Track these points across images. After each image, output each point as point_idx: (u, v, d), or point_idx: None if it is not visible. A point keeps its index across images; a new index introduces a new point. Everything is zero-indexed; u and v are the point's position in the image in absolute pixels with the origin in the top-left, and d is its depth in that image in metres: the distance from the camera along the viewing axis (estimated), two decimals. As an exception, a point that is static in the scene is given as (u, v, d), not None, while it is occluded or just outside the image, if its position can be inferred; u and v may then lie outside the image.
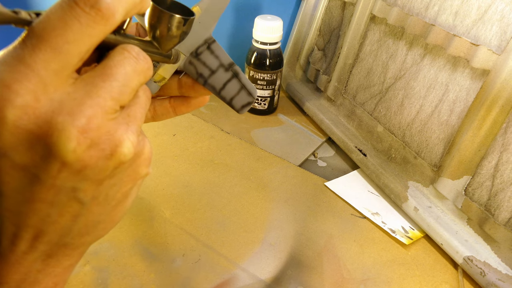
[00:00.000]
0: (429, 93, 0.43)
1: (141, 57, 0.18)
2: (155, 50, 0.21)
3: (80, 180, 0.17)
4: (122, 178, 0.19)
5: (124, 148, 0.18)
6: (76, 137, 0.16)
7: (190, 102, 0.27)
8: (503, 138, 0.36)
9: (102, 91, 0.17)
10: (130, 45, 0.18)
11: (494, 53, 0.36)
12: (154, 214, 0.41)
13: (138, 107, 0.19)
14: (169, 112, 0.27)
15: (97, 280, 0.35)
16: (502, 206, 0.36)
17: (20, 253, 0.18)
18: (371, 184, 0.48)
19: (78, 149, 0.16)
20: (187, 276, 0.36)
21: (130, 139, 0.18)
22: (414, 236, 0.41)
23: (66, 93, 0.16)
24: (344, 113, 0.55)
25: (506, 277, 0.35)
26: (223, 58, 0.25)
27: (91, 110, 0.16)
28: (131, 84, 0.18)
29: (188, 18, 0.20)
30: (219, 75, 0.25)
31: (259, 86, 0.57)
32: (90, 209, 0.19)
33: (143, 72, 0.18)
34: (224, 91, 0.26)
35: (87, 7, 0.16)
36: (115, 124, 0.17)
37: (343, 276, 0.37)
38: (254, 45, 0.55)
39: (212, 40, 0.25)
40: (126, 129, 0.18)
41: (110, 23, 0.16)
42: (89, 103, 0.16)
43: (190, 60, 0.25)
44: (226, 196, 0.45)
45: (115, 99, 0.17)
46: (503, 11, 0.36)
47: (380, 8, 0.48)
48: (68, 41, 0.16)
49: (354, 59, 0.53)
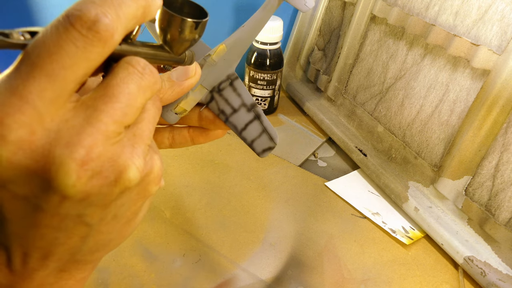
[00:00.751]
0: (429, 93, 0.43)
1: (147, 71, 0.17)
2: (166, 55, 0.20)
3: (85, 207, 0.17)
4: (131, 198, 0.18)
5: (129, 174, 0.17)
6: (76, 171, 0.15)
7: (209, 134, 0.27)
8: (504, 138, 0.36)
9: (103, 115, 0.16)
10: (135, 58, 0.17)
11: (494, 53, 0.36)
12: (154, 214, 0.41)
13: (145, 122, 0.18)
14: (187, 141, 0.27)
15: (98, 280, 0.35)
16: (503, 206, 0.36)
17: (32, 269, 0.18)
18: (371, 184, 0.48)
19: (78, 182, 0.15)
20: (187, 276, 0.36)
21: (135, 164, 0.17)
22: (415, 236, 0.41)
23: (65, 121, 0.15)
24: (344, 113, 0.55)
25: (507, 277, 0.35)
26: (246, 97, 0.25)
27: (91, 139, 0.15)
28: (136, 103, 0.17)
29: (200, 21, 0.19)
30: (241, 115, 0.25)
31: (259, 86, 0.57)
32: (98, 229, 0.18)
33: (149, 87, 0.17)
34: (245, 132, 0.25)
35: (84, 29, 0.15)
36: (119, 148, 0.16)
37: (344, 276, 0.37)
38: (254, 45, 0.55)
39: (235, 76, 0.25)
40: (131, 152, 0.17)
41: (109, 45, 0.15)
42: (88, 131, 0.15)
43: (213, 95, 0.25)
44: (226, 196, 0.45)
45: (118, 122, 0.16)
46: (504, 11, 0.36)
47: (380, 8, 0.48)
48: (64, 67, 0.15)
49: (354, 59, 0.53)
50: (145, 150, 0.18)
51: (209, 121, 0.26)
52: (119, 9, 0.15)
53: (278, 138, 0.26)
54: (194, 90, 0.24)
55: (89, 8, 0.15)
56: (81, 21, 0.15)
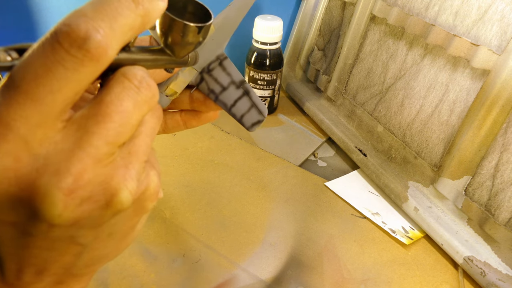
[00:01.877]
0: (429, 93, 0.43)
1: (143, 85, 0.16)
2: (168, 58, 0.19)
3: (76, 230, 0.16)
4: (125, 216, 0.18)
5: (122, 197, 0.16)
6: (62, 201, 0.14)
7: (201, 117, 0.27)
8: (503, 138, 0.36)
9: (95, 138, 0.15)
10: (132, 70, 0.16)
11: (494, 53, 0.36)
12: (154, 214, 0.41)
13: (142, 137, 0.17)
14: (180, 125, 0.27)
15: (97, 280, 0.35)
16: (503, 206, 0.36)
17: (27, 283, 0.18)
18: (371, 184, 0.48)
19: (65, 212, 0.14)
20: (187, 276, 0.36)
21: (128, 187, 0.16)
22: (414, 236, 0.41)
23: (53, 144, 0.14)
24: (344, 113, 0.55)
25: (507, 277, 0.35)
26: (235, 75, 0.25)
27: (80, 165, 0.14)
28: (131, 121, 0.16)
29: (204, 25, 0.18)
30: (230, 92, 0.25)
31: (259, 86, 0.57)
32: (93, 247, 0.18)
33: (146, 102, 0.16)
34: (234, 108, 0.25)
35: (74, 48, 0.13)
36: (112, 170, 0.16)
37: (344, 276, 0.37)
38: (254, 45, 0.55)
39: (224, 56, 0.25)
40: (124, 175, 0.16)
41: (102, 63, 0.14)
42: (78, 156, 0.14)
43: (202, 76, 0.25)
44: (226, 196, 0.45)
45: (111, 143, 0.15)
46: (503, 11, 0.36)
47: (380, 8, 0.48)
48: (52, 90, 0.14)
49: (354, 59, 0.53)
50: (139, 169, 0.17)
51: (200, 102, 0.26)
52: (113, 22, 0.14)
53: (266, 111, 0.26)
54: (183, 71, 0.24)
55: (79, 23, 0.13)
56: (69, 39, 0.13)
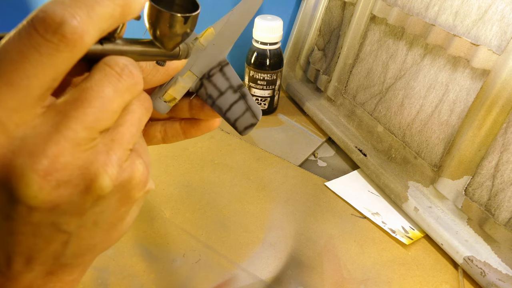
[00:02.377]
0: (429, 93, 0.43)
1: (125, 72, 0.16)
2: (158, 50, 0.19)
3: (57, 216, 0.16)
4: (111, 205, 0.17)
5: (101, 182, 0.16)
6: (37, 182, 0.14)
7: (200, 125, 0.27)
8: (503, 138, 0.36)
9: (73, 121, 0.15)
10: (114, 58, 0.16)
11: (494, 53, 0.36)
12: (154, 214, 0.41)
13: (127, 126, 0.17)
14: (179, 134, 0.27)
15: (97, 280, 0.35)
16: (502, 206, 0.36)
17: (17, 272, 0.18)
18: (371, 184, 0.48)
19: (41, 193, 0.14)
20: (187, 276, 0.36)
21: (108, 172, 0.16)
22: (414, 236, 0.41)
23: (32, 127, 0.15)
24: (344, 113, 0.55)
25: (506, 277, 0.35)
26: (233, 80, 0.25)
27: (57, 148, 0.14)
28: (111, 107, 0.16)
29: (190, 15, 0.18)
30: (227, 97, 0.25)
31: (259, 86, 0.57)
32: (79, 235, 0.17)
33: (128, 89, 0.16)
34: (229, 112, 0.25)
35: (49, 34, 0.13)
36: (92, 155, 0.16)
37: (343, 276, 0.37)
38: (254, 45, 0.55)
39: (226, 62, 0.24)
40: (104, 160, 0.16)
41: (79, 49, 0.14)
42: (55, 139, 0.14)
43: (202, 82, 0.25)
44: (226, 196, 0.45)
45: (90, 128, 0.15)
46: (503, 11, 0.36)
47: (380, 8, 0.48)
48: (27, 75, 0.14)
49: (354, 59, 0.53)
50: (121, 156, 0.17)
51: (198, 108, 0.26)
52: (91, 10, 0.14)
53: (261, 114, 0.25)
54: (183, 76, 0.24)
55: (55, 9, 0.13)
56: (44, 24, 0.13)
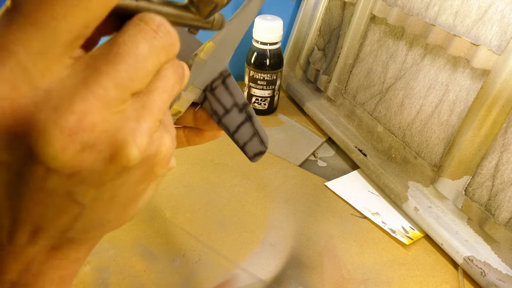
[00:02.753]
0: (429, 93, 0.43)
1: (162, 29, 0.15)
2: (192, 16, 0.18)
3: (74, 185, 0.14)
4: (132, 178, 0.16)
5: (129, 152, 0.14)
6: (60, 140, 0.13)
7: (204, 135, 0.26)
8: (503, 138, 0.36)
9: (104, 77, 0.13)
10: (149, 14, 0.15)
11: (494, 53, 0.36)
12: (154, 214, 0.41)
13: (159, 92, 0.16)
14: (183, 142, 0.26)
15: (98, 280, 0.35)
16: (503, 206, 0.36)
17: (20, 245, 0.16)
18: (371, 184, 0.48)
19: (63, 154, 0.13)
20: (187, 276, 0.36)
21: (137, 142, 0.14)
22: (414, 236, 0.41)
23: (58, 79, 0.13)
24: (344, 113, 0.55)
25: (506, 277, 0.35)
26: (238, 97, 0.24)
27: (85, 104, 0.13)
28: (146, 66, 0.14)
29: None
30: (233, 116, 0.24)
31: (259, 86, 0.57)
32: (93, 209, 0.16)
33: (164, 49, 0.15)
34: (237, 134, 0.25)
35: None
36: (121, 120, 0.14)
37: (343, 276, 0.37)
38: (254, 45, 0.55)
39: (228, 73, 0.24)
40: (134, 127, 0.14)
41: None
42: (83, 94, 0.13)
43: (206, 95, 0.24)
44: (226, 196, 0.45)
45: (122, 87, 0.14)
46: (503, 11, 0.36)
47: (380, 8, 0.48)
48: (56, 16, 0.12)
49: (354, 59, 0.53)
50: (152, 126, 0.15)
51: (203, 121, 0.25)
52: None
53: (268, 141, 0.25)
54: (186, 91, 0.24)
55: None
56: None
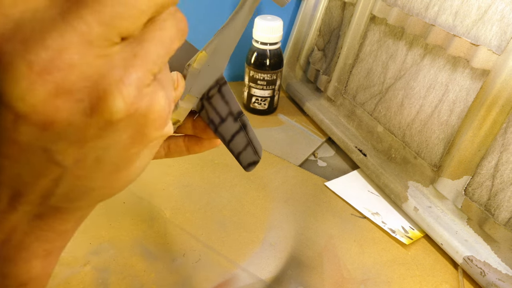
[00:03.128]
0: (429, 93, 0.43)
1: None
2: None
3: (51, 141, 0.13)
4: (119, 140, 0.14)
5: (111, 103, 0.12)
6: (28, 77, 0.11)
7: (203, 143, 0.26)
8: (503, 138, 0.36)
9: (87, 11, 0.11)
10: None
11: (494, 53, 0.36)
12: (154, 214, 0.41)
13: (155, 42, 0.14)
14: (182, 150, 0.27)
15: (98, 280, 0.35)
16: (502, 206, 0.36)
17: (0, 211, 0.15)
18: (371, 184, 0.48)
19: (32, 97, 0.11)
20: (187, 276, 0.36)
21: (122, 92, 0.12)
22: (414, 236, 0.41)
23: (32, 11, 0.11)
24: (344, 113, 0.55)
25: (506, 277, 0.35)
26: (233, 105, 0.25)
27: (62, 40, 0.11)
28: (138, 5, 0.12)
29: None
30: (228, 125, 0.25)
31: (259, 86, 0.57)
32: (75, 173, 0.14)
33: None
34: (232, 144, 0.25)
35: None
36: (105, 66, 0.12)
37: (343, 276, 0.37)
38: (254, 45, 0.55)
39: (224, 81, 0.24)
40: (121, 76, 0.12)
41: None
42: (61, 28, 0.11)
43: (203, 103, 0.25)
44: (226, 196, 0.45)
45: (107, 24, 0.12)
46: (503, 11, 0.36)
47: (380, 8, 0.48)
48: None
49: (354, 59, 0.53)
50: (143, 78, 0.13)
51: (201, 130, 0.25)
52: None
53: (262, 152, 0.26)
54: (183, 100, 0.24)
55: None
56: None
